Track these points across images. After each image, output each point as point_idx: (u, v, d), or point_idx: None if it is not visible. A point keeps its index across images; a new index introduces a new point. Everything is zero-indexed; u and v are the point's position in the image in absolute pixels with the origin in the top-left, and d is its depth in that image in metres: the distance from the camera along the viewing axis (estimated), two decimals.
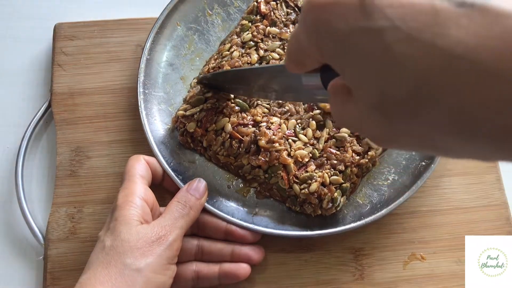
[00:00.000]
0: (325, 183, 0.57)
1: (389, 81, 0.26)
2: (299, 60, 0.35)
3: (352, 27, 0.27)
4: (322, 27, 0.29)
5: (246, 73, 0.58)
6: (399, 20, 0.25)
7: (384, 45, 0.26)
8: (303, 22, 0.30)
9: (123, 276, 0.46)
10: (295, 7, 0.65)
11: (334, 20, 0.28)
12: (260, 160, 0.59)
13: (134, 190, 0.52)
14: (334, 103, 0.33)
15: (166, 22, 0.67)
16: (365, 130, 0.31)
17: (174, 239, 0.50)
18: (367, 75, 0.27)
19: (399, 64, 0.25)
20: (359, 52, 0.27)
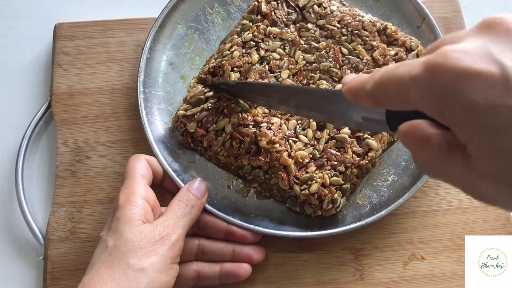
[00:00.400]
0: (325, 184, 0.57)
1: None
2: (385, 102, 0.34)
3: (493, 103, 0.27)
4: (455, 95, 0.28)
5: (280, 89, 0.57)
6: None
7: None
8: (426, 80, 0.30)
9: (126, 276, 0.46)
10: (296, 7, 0.65)
11: (471, 91, 0.28)
12: (260, 160, 0.59)
13: (135, 190, 0.52)
14: (422, 152, 0.33)
15: (166, 21, 0.67)
16: (472, 190, 0.31)
17: (177, 238, 0.50)
18: (506, 150, 0.27)
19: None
20: (501, 128, 0.27)
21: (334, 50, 0.63)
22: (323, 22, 0.64)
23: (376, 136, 0.59)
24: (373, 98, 0.35)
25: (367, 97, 0.35)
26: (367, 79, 0.35)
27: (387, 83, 0.33)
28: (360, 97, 0.36)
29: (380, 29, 0.64)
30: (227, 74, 0.62)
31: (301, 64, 0.63)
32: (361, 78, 0.37)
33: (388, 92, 0.33)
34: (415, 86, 0.30)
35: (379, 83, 0.33)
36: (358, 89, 0.36)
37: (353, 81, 0.37)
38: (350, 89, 0.37)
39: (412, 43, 0.63)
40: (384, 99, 0.34)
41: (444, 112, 0.29)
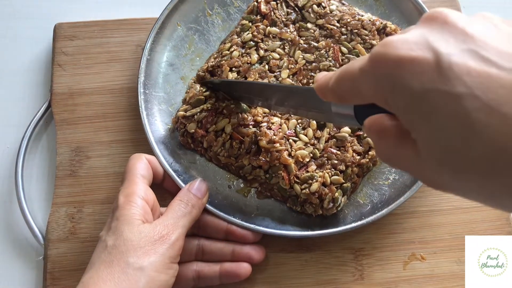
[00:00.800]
0: (326, 183, 0.57)
1: (464, 142, 0.27)
2: (344, 97, 0.36)
3: (427, 87, 0.28)
4: (394, 82, 0.30)
5: (262, 87, 0.58)
6: (478, 89, 0.27)
7: (462, 110, 0.27)
8: (370, 70, 0.32)
9: (126, 275, 0.46)
10: (295, 7, 0.65)
11: (408, 78, 0.29)
12: (261, 160, 0.59)
13: (135, 190, 0.52)
14: (381, 143, 0.35)
15: (166, 22, 0.67)
16: (422, 175, 0.32)
17: (176, 238, 0.50)
18: (441, 132, 0.28)
19: (477, 130, 0.27)
20: (435, 112, 0.28)
21: (333, 50, 0.63)
22: (323, 22, 0.64)
23: None
24: (335, 94, 0.37)
25: (330, 93, 0.38)
26: (331, 76, 0.37)
27: (343, 78, 0.35)
28: (326, 94, 0.39)
29: (380, 28, 0.63)
30: (225, 73, 0.62)
31: (301, 63, 0.63)
32: (327, 75, 0.39)
33: (345, 87, 0.35)
34: (363, 78, 0.32)
35: (338, 79, 0.36)
36: (323, 86, 0.38)
37: (321, 78, 0.39)
38: (318, 86, 0.39)
39: None
40: (343, 94, 0.36)
41: (388, 100, 0.31)
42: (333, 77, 0.37)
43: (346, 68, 0.35)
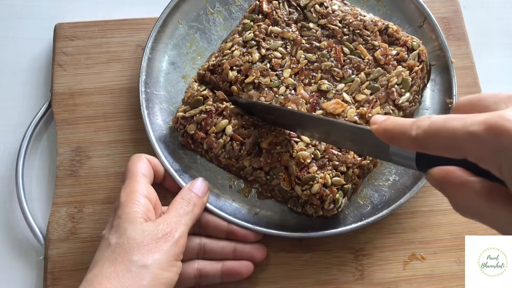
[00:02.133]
0: (327, 184, 0.57)
1: None
2: (431, 149, 0.38)
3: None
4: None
5: (307, 119, 0.57)
6: None
7: None
8: (487, 139, 0.33)
9: (130, 273, 0.46)
10: (297, 6, 0.65)
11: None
12: (262, 162, 0.59)
13: (136, 188, 0.52)
14: (461, 196, 0.37)
15: (168, 21, 0.67)
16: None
17: (180, 235, 0.50)
18: None
19: None
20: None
21: (335, 50, 0.63)
22: (325, 22, 0.64)
23: None
24: (418, 144, 0.38)
25: (410, 142, 0.39)
26: (410, 125, 0.39)
27: (440, 133, 0.36)
28: (400, 141, 0.40)
29: (382, 28, 0.64)
30: (225, 73, 0.62)
31: (302, 63, 0.63)
32: (399, 122, 0.41)
33: (439, 142, 0.36)
34: (473, 141, 0.34)
35: (430, 133, 0.37)
36: (398, 133, 0.40)
37: (389, 124, 0.41)
38: (385, 131, 0.41)
39: (414, 43, 0.63)
40: (432, 147, 0.37)
41: (502, 168, 0.33)
42: (416, 128, 0.38)
43: (443, 124, 0.36)
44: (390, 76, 0.61)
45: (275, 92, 0.62)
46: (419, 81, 0.63)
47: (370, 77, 0.62)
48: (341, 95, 0.61)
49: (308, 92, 0.62)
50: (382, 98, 0.61)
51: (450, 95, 0.64)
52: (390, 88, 0.61)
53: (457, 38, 0.71)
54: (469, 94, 0.70)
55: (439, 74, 0.66)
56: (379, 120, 0.43)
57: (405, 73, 0.61)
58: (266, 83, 0.62)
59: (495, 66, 0.74)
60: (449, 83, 0.65)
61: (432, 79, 0.66)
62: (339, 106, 0.60)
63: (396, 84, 0.61)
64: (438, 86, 0.66)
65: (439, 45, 0.66)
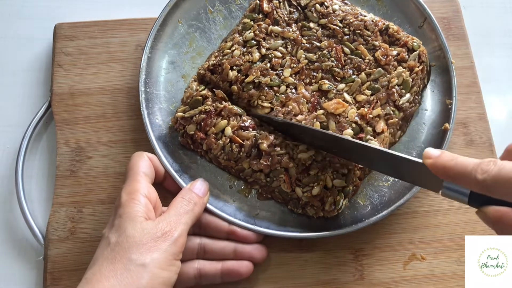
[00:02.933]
0: (328, 186, 0.57)
1: None
2: (496, 193, 0.41)
3: None
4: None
5: (349, 144, 0.56)
6: None
7: None
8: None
9: (128, 272, 0.46)
10: (298, 6, 0.65)
11: None
12: (261, 164, 0.58)
13: (137, 188, 0.52)
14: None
15: (168, 20, 0.67)
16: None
17: (179, 234, 0.50)
18: None
19: None
20: None
21: (336, 50, 0.63)
22: (325, 21, 0.64)
23: (378, 137, 0.59)
24: (484, 187, 0.42)
25: (474, 184, 0.42)
26: (475, 168, 0.42)
27: (509, 182, 0.40)
28: (461, 180, 0.44)
29: (382, 28, 0.64)
30: (225, 72, 0.62)
31: (303, 63, 0.63)
32: (459, 161, 0.44)
33: (508, 190, 0.40)
34: None
35: (499, 180, 0.40)
36: (460, 173, 0.43)
37: (448, 162, 0.44)
38: (444, 168, 0.44)
39: (414, 43, 0.63)
40: (499, 193, 0.41)
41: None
42: (488, 173, 0.41)
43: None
44: (391, 77, 0.61)
45: (275, 92, 0.62)
46: (419, 81, 0.63)
47: (371, 77, 0.62)
48: (341, 95, 0.61)
49: (309, 92, 0.62)
50: (383, 98, 0.61)
51: (450, 96, 0.64)
52: (390, 89, 0.61)
53: (457, 38, 0.71)
54: (469, 94, 0.71)
55: (439, 74, 0.66)
56: (434, 155, 0.46)
57: (405, 74, 0.61)
58: (266, 82, 0.61)
59: (495, 66, 0.74)
60: (449, 84, 0.65)
61: (432, 79, 0.66)
62: (340, 106, 0.60)
63: (397, 84, 0.61)
64: (438, 87, 0.66)
65: (439, 46, 0.66)
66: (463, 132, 0.67)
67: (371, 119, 0.59)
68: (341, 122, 0.59)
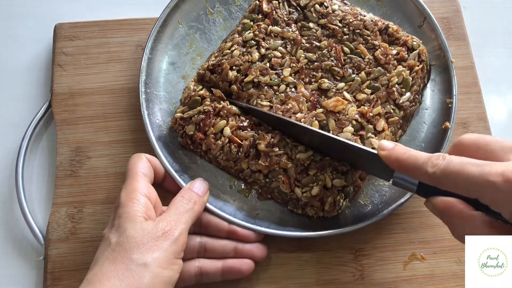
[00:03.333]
0: (327, 186, 0.57)
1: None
2: (445, 185, 0.43)
3: None
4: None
5: (310, 134, 0.58)
6: None
7: None
8: (506, 188, 0.39)
9: (130, 271, 0.46)
10: (297, 6, 0.65)
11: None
12: (260, 165, 0.58)
13: (136, 188, 0.53)
14: (462, 226, 0.44)
15: (168, 21, 0.68)
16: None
17: (180, 233, 0.50)
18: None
19: None
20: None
21: (335, 49, 0.63)
22: (325, 21, 0.64)
23: (379, 136, 0.59)
24: (433, 180, 0.44)
25: (424, 176, 0.45)
26: (425, 161, 0.45)
27: (457, 176, 0.42)
28: (412, 173, 0.47)
29: (382, 28, 0.64)
30: (225, 72, 0.62)
31: (302, 62, 0.63)
32: (412, 155, 0.47)
33: (456, 183, 0.42)
34: (490, 189, 0.40)
35: (447, 173, 0.43)
36: (412, 166, 0.46)
37: (402, 154, 0.47)
38: (397, 160, 0.47)
39: (414, 43, 0.63)
40: (447, 185, 0.43)
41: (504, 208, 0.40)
42: (437, 167, 0.43)
43: (461, 167, 0.42)
44: (391, 76, 0.61)
45: (275, 91, 0.62)
46: (419, 80, 0.63)
47: (371, 76, 0.62)
48: (341, 94, 0.61)
49: (308, 91, 0.62)
50: (383, 97, 0.61)
51: (450, 95, 0.64)
52: (390, 88, 0.61)
53: (457, 38, 0.71)
54: (469, 94, 0.70)
55: (439, 74, 0.66)
56: (388, 147, 0.49)
57: (405, 73, 0.61)
58: (265, 81, 0.61)
59: (495, 66, 0.74)
60: (449, 83, 0.65)
61: (432, 79, 0.66)
62: (340, 103, 0.60)
63: (397, 83, 0.61)
64: (438, 86, 0.66)
65: (439, 45, 0.66)
66: (463, 132, 0.67)
67: (372, 118, 0.59)
68: (341, 120, 0.59)
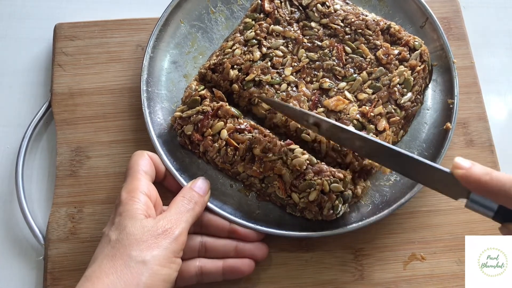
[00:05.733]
0: (325, 191, 0.57)
1: None
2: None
3: None
4: None
5: (389, 153, 0.54)
6: None
7: None
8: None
9: (128, 268, 0.46)
10: (299, 5, 0.65)
11: None
12: (254, 171, 0.58)
13: (137, 186, 0.53)
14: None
15: (170, 20, 0.68)
16: None
17: (180, 232, 0.50)
18: None
19: None
20: None
21: (337, 49, 0.63)
22: (327, 21, 0.64)
23: (380, 136, 0.59)
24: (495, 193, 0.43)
25: (506, 199, 0.43)
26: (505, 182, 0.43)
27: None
28: (497, 197, 0.44)
29: (384, 28, 0.64)
30: (226, 71, 0.62)
31: (304, 62, 0.63)
32: (494, 176, 0.44)
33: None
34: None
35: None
36: (498, 190, 0.43)
37: (481, 175, 0.44)
38: (478, 182, 0.44)
39: (416, 43, 0.63)
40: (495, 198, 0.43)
41: None
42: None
43: None
44: (392, 76, 0.61)
45: (276, 89, 0.61)
46: (421, 81, 0.63)
47: (372, 76, 0.62)
48: (343, 94, 0.61)
49: (309, 90, 0.62)
50: (384, 97, 0.61)
51: (452, 95, 0.64)
52: (392, 88, 0.61)
53: (457, 38, 0.71)
54: (469, 94, 0.71)
55: (440, 74, 0.66)
56: (465, 166, 0.45)
57: (407, 73, 0.61)
58: (267, 80, 0.61)
59: (495, 66, 0.74)
60: (450, 83, 0.65)
61: (434, 79, 0.66)
62: (341, 102, 0.60)
63: (398, 83, 0.61)
64: (439, 86, 0.66)
65: (441, 45, 0.66)
66: (463, 132, 0.67)
67: (373, 117, 0.59)
68: (342, 119, 0.59)
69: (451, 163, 0.66)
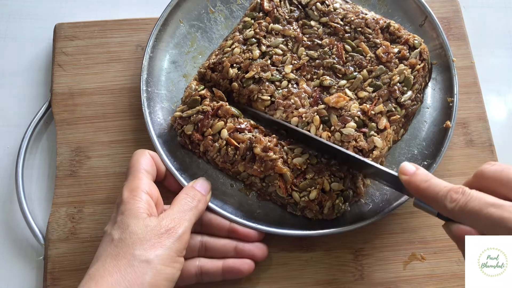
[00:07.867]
0: (325, 190, 0.57)
1: None
2: (464, 222, 0.44)
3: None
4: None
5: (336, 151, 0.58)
6: None
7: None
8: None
9: (132, 267, 0.46)
10: (299, 4, 0.65)
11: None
12: (255, 170, 0.58)
13: (139, 185, 0.52)
14: None
15: (169, 20, 0.68)
16: None
17: (183, 231, 0.50)
18: None
19: None
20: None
21: (337, 47, 0.63)
22: (326, 20, 0.64)
23: (381, 134, 0.59)
24: (451, 215, 0.45)
25: (443, 209, 0.46)
26: (445, 195, 0.45)
27: (475, 216, 0.43)
28: (431, 203, 0.47)
29: (383, 26, 0.64)
30: (226, 70, 0.62)
31: (304, 59, 0.63)
32: (432, 185, 0.47)
33: (474, 221, 0.43)
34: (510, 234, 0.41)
35: (466, 212, 0.43)
36: (432, 197, 0.47)
37: (422, 184, 0.48)
38: (417, 189, 0.48)
39: (415, 41, 0.63)
40: (465, 222, 0.44)
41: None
42: (456, 203, 0.44)
43: (481, 209, 0.42)
44: (392, 74, 0.61)
45: (277, 86, 0.61)
46: (421, 79, 0.63)
47: (372, 74, 0.62)
48: (343, 91, 0.61)
49: (310, 87, 0.62)
50: (384, 95, 0.61)
51: (451, 93, 0.64)
52: (392, 86, 0.61)
53: (457, 38, 0.71)
54: (469, 94, 0.70)
55: (440, 73, 0.66)
56: (409, 172, 0.49)
57: (407, 71, 0.61)
58: (267, 77, 0.61)
59: (495, 66, 0.74)
60: (450, 82, 0.65)
61: (433, 77, 0.66)
62: (342, 99, 0.60)
63: (398, 82, 0.61)
64: (439, 85, 0.66)
65: (440, 44, 0.66)
66: (463, 132, 0.67)
67: (373, 116, 0.59)
68: (343, 116, 0.59)
69: (451, 163, 0.66)
